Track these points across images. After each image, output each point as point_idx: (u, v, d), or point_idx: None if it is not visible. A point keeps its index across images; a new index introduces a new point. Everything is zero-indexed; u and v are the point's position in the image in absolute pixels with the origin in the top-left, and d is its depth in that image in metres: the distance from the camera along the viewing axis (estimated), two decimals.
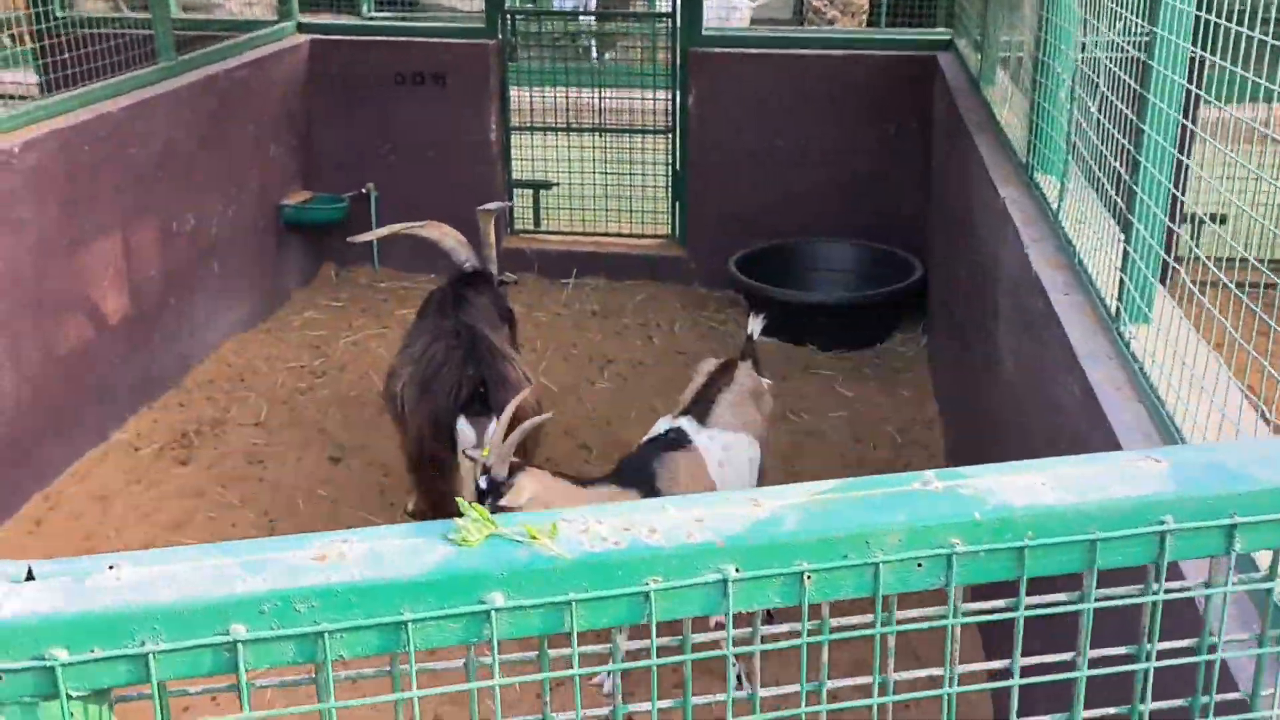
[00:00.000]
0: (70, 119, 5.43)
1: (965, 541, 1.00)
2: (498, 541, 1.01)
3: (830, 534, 0.99)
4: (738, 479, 4.01)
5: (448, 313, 4.84)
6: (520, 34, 8.34)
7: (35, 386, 5.21)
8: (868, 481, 1.11)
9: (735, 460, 4.02)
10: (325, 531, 1.05)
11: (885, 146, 7.73)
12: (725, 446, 4.03)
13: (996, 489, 1.05)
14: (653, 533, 0.99)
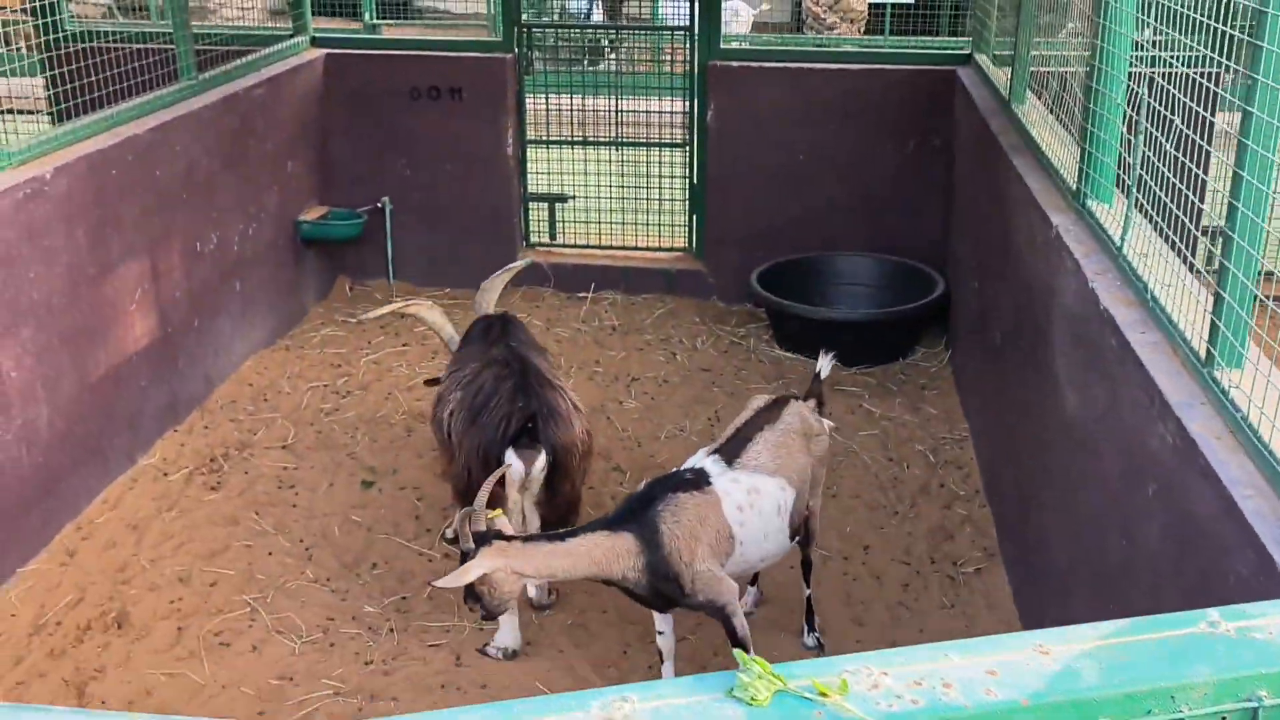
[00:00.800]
0: (98, 143, 5.36)
1: (1272, 694, 0.97)
2: (788, 700, 0.97)
3: (1134, 688, 0.96)
4: (760, 525, 3.89)
5: (496, 339, 4.79)
6: (536, 47, 8.28)
7: (68, 415, 5.13)
8: (1151, 623, 1.07)
9: (761, 505, 3.88)
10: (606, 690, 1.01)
11: (904, 161, 7.71)
12: (750, 490, 3.88)
13: None
14: (947, 688, 0.96)
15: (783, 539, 4.04)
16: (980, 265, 6.02)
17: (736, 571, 3.92)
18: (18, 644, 4.48)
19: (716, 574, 3.74)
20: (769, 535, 3.94)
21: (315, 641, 4.57)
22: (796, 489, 4.04)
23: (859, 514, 5.48)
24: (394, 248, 8.23)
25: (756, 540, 3.91)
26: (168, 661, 4.41)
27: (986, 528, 5.34)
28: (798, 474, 4.08)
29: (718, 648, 4.51)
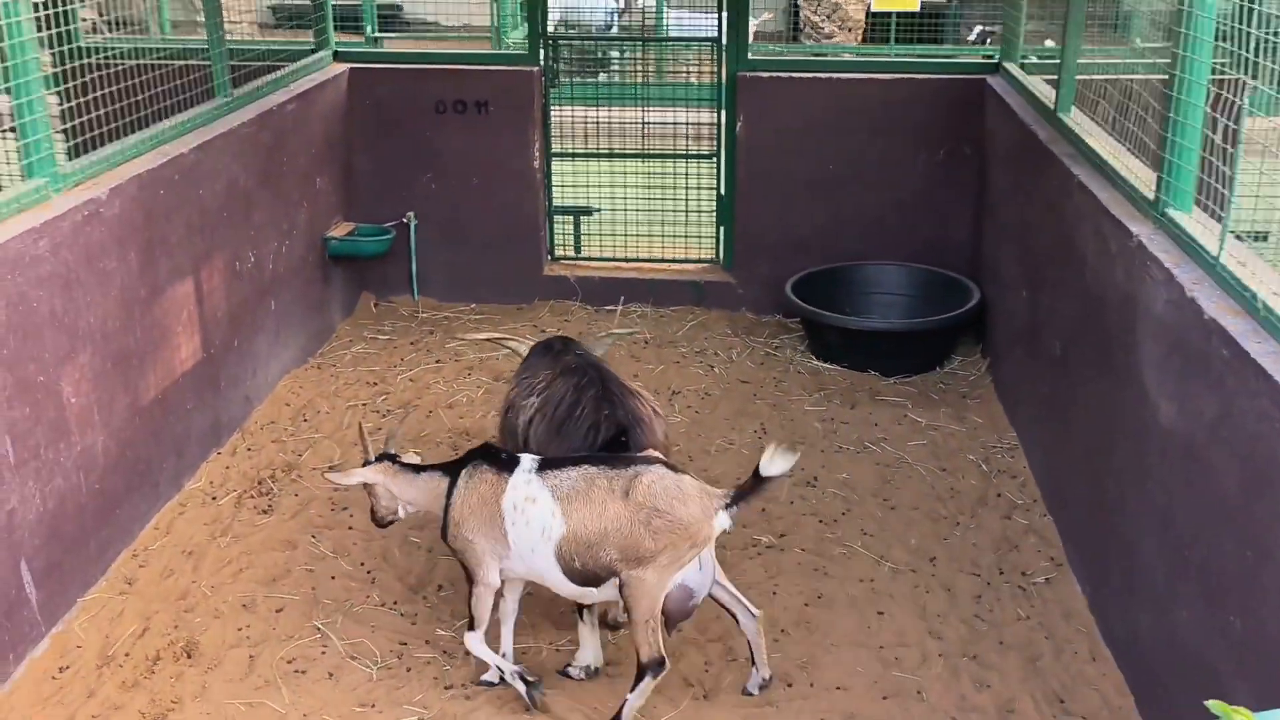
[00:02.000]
0: (146, 162, 5.27)
1: None
2: None
3: None
4: (527, 536, 3.99)
5: (560, 350, 4.74)
6: (563, 59, 8.23)
7: (120, 440, 5.04)
8: None
9: (529, 517, 3.97)
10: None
11: (934, 170, 7.71)
12: (528, 498, 3.97)
13: None
14: None
15: (554, 569, 3.99)
16: (1030, 275, 6.00)
17: (514, 570, 4.14)
18: (88, 676, 4.38)
19: (476, 546, 4.08)
20: (535, 551, 3.99)
21: (390, 667, 4.49)
22: (574, 531, 3.92)
23: (922, 525, 5.45)
24: (418, 263, 8.16)
25: (524, 551, 4.02)
26: (245, 691, 4.32)
27: (1051, 537, 5.31)
28: (588, 522, 3.91)
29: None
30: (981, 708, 4.25)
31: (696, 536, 3.91)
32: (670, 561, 3.90)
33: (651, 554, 3.88)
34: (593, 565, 3.95)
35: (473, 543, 4.08)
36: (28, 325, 4.32)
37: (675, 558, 3.90)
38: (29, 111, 4.52)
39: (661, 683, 4.36)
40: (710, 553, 4.04)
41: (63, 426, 4.59)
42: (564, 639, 4.67)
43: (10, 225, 4.32)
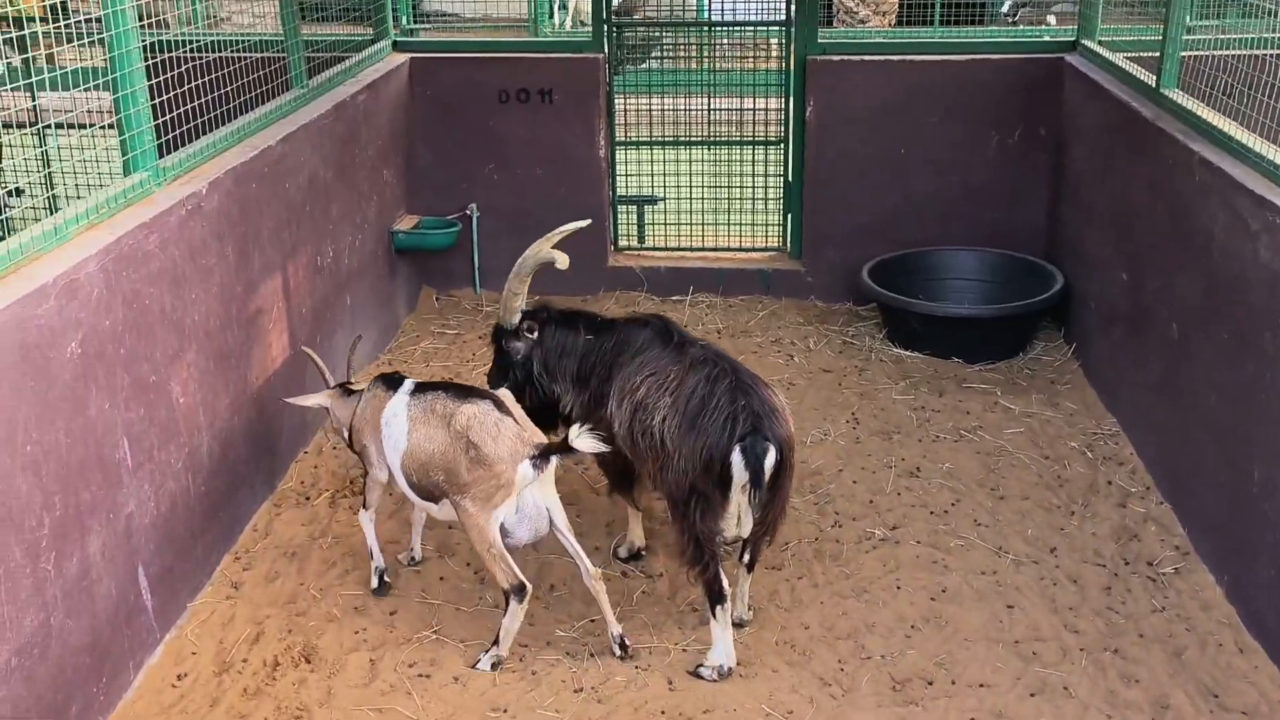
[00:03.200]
0: (238, 155, 5.13)
1: None
2: None
3: None
4: (388, 446, 4.47)
5: (680, 340, 4.59)
6: (628, 46, 8.09)
7: (222, 441, 4.91)
8: None
9: (392, 431, 4.44)
10: None
11: (1007, 152, 7.57)
12: (392, 415, 4.45)
13: None
14: None
15: (402, 479, 4.48)
16: (1132, 256, 5.86)
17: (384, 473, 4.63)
18: (208, 685, 4.26)
19: (370, 450, 4.62)
20: (391, 462, 4.50)
21: (516, 670, 4.36)
22: (411, 449, 4.37)
23: (1035, 515, 5.32)
24: (480, 256, 8.02)
25: (390, 458, 4.49)
26: (371, 697, 4.19)
27: (1171, 525, 5.19)
28: (422, 443, 4.34)
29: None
30: (1135, 704, 4.12)
31: (500, 477, 4.17)
32: (484, 496, 4.20)
33: (467, 485, 4.21)
34: (426, 483, 4.37)
35: (367, 447, 4.62)
36: (141, 324, 4.19)
37: (487, 493, 4.19)
38: (131, 104, 4.38)
39: (797, 682, 4.25)
40: (535, 501, 4.27)
41: (173, 427, 4.45)
42: (691, 638, 4.54)
43: (120, 220, 4.18)
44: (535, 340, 4.91)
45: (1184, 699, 4.13)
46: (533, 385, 4.93)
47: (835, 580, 4.88)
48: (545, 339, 4.90)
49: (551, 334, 4.88)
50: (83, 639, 3.85)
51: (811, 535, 5.19)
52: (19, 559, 3.49)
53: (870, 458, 5.84)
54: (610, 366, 4.71)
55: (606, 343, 4.75)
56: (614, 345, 4.73)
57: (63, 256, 3.80)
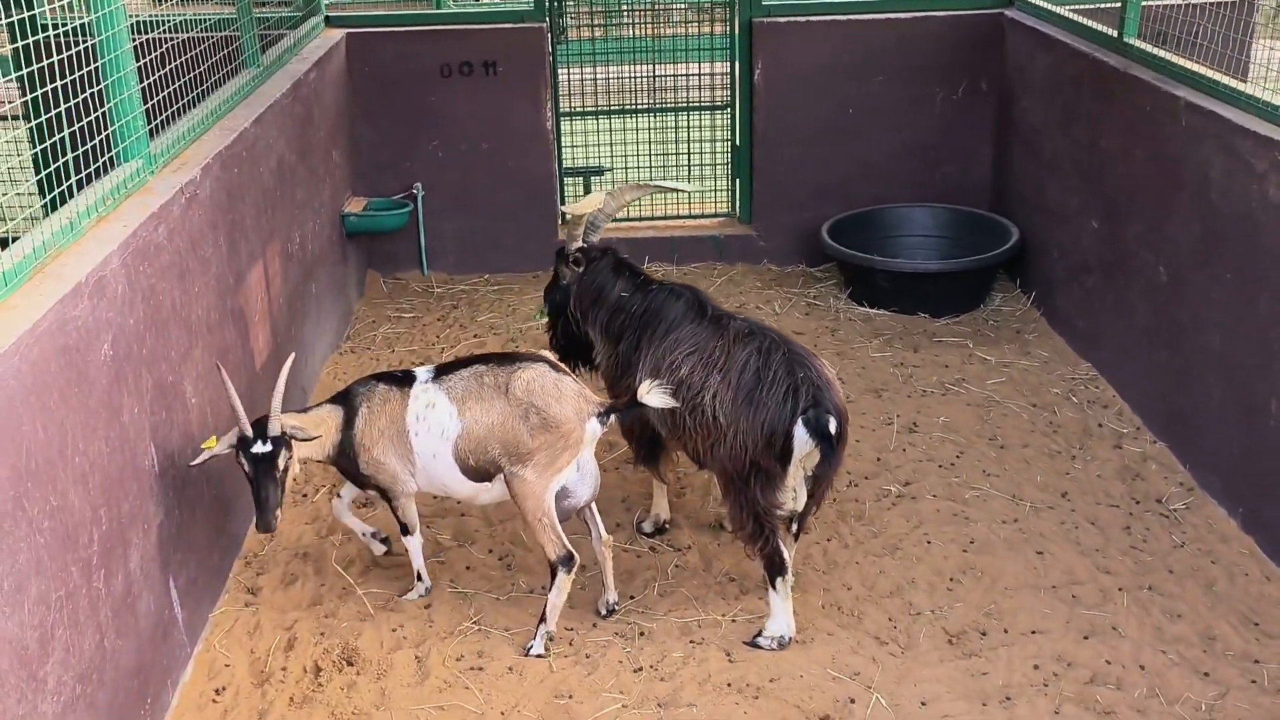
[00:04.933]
0: (218, 139, 4.85)
1: None
2: None
3: None
4: (429, 442, 4.17)
5: (714, 314, 4.52)
6: (569, 14, 7.92)
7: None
8: None
9: (430, 421, 4.15)
10: None
11: (952, 108, 7.68)
12: (429, 404, 4.15)
13: None
14: None
15: (454, 471, 4.19)
16: (1105, 205, 5.99)
17: (427, 485, 4.30)
18: (250, 697, 4.05)
19: (388, 466, 4.21)
20: (437, 456, 4.18)
21: (569, 654, 4.26)
22: (467, 429, 4.12)
23: (1039, 462, 5.42)
24: (426, 236, 7.80)
25: (427, 456, 4.19)
26: (429, 694, 4.04)
27: (1170, 463, 5.34)
28: (479, 418, 4.12)
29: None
30: (1184, 638, 4.23)
31: (569, 437, 4.08)
32: (548, 461, 4.08)
33: (530, 451, 4.07)
34: (483, 461, 4.14)
35: (384, 464, 4.22)
36: (158, 321, 3.94)
37: (552, 458, 4.08)
38: (121, 89, 4.09)
39: (854, 643, 4.25)
40: (591, 459, 4.23)
41: (188, 430, 4.21)
42: (737, 608, 4.50)
43: (125, 212, 3.91)
44: (579, 274, 4.81)
45: (1228, 629, 4.26)
46: (568, 318, 4.91)
47: (865, 539, 4.89)
48: (585, 278, 4.82)
49: (592, 276, 4.82)
50: (130, 660, 3.62)
51: (830, 496, 5.18)
52: (76, 579, 3.25)
53: (866, 415, 5.86)
54: (639, 335, 4.62)
55: (638, 306, 4.66)
56: (644, 312, 4.63)
57: (84, 252, 3.54)
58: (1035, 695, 3.97)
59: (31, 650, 2.96)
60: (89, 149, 3.82)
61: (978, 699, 3.97)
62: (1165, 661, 4.11)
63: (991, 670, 4.10)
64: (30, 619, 2.96)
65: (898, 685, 4.04)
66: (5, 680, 2.81)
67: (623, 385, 4.73)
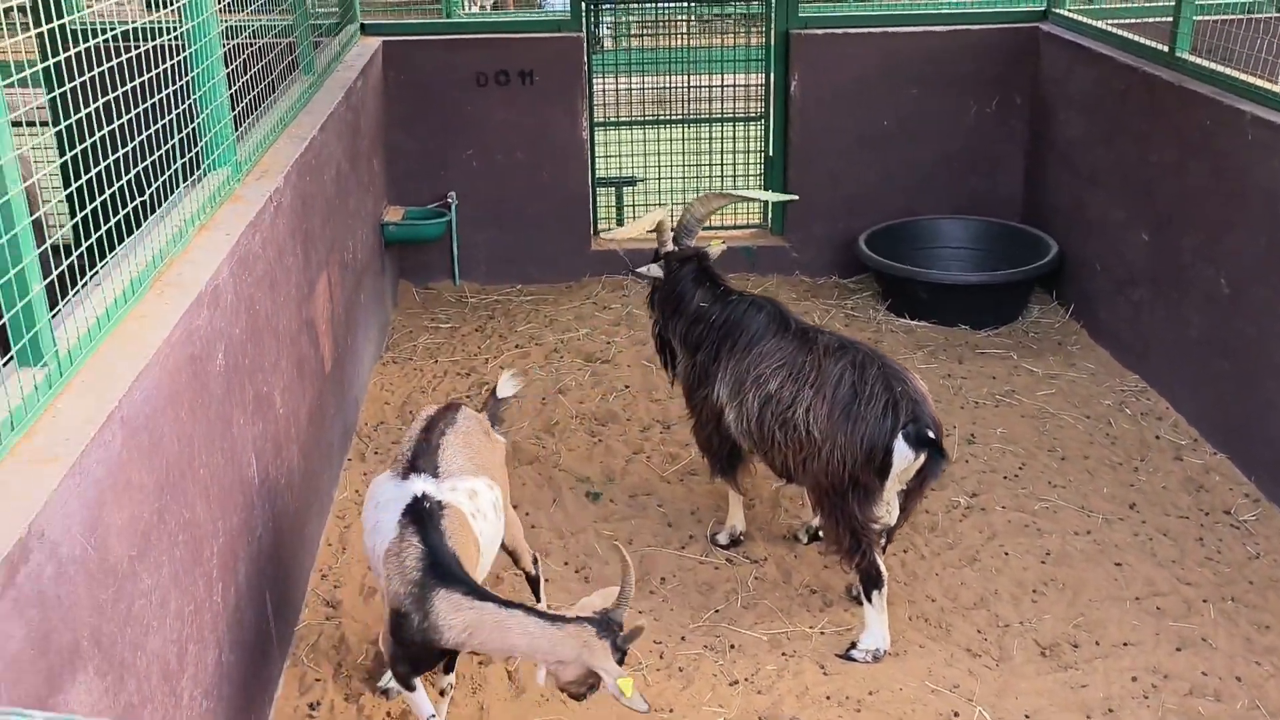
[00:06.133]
0: (292, 147, 4.80)
1: None
2: None
3: None
4: (491, 528, 3.68)
5: (793, 327, 4.51)
6: (606, 24, 7.90)
7: (304, 453, 4.60)
8: None
9: (484, 508, 3.65)
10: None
11: (985, 122, 7.72)
12: (470, 494, 3.62)
13: None
14: None
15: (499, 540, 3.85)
16: (1160, 218, 6.03)
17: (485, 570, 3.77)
18: (345, 713, 3.98)
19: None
20: (495, 538, 3.76)
21: (661, 668, 4.23)
22: (501, 485, 3.84)
23: (1102, 473, 5.44)
24: (459, 246, 7.75)
25: (491, 546, 3.72)
26: (528, 709, 3.99)
27: (1232, 474, 5.37)
28: (497, 470, 3.87)
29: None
30: (1276, 649, 4.25)
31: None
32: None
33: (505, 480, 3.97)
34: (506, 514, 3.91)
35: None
36: (256, 331, 3.89)
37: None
38: (213, 97, 4.03)
39: (947, 656, 4.25)
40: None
41: (279, 441, 4.15)
42: (823, 620, 4.48)
43: (222, 220, 3.85)
44: (662, 278, 4.80)
45: None
46: (656, 312, 4.92)
47: (941, 551, 4.89)
48: (667, 285, 4.80)
49: (673, 283, 4.80)
50: (240, 674, 3.56)
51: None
52: (202, 593, 3.19)
53: None
54: (718, 347, 4.60)
55: (717, 316, 4.63)
56: (723, 324, 4.61)
57: (195, 260, 3.48)
58: (1138, 708, 3.98)
59: (172, 665, 2.90)
60: (153, 156, 3.75)
61: (1080, 711, 3.97)
62: (1261, 673, 4.13)
63: (1090, 683, 4.10)
64: (170, 633, 2.89)
65: (998, 698, 4.04)
66: (154, 696, 2.75)
67: (699, 396, 4.71)
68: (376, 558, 3.49)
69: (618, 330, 7.11)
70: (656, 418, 6.03)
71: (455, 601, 3.26)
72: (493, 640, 3.28)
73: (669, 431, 5.88)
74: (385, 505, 3.51)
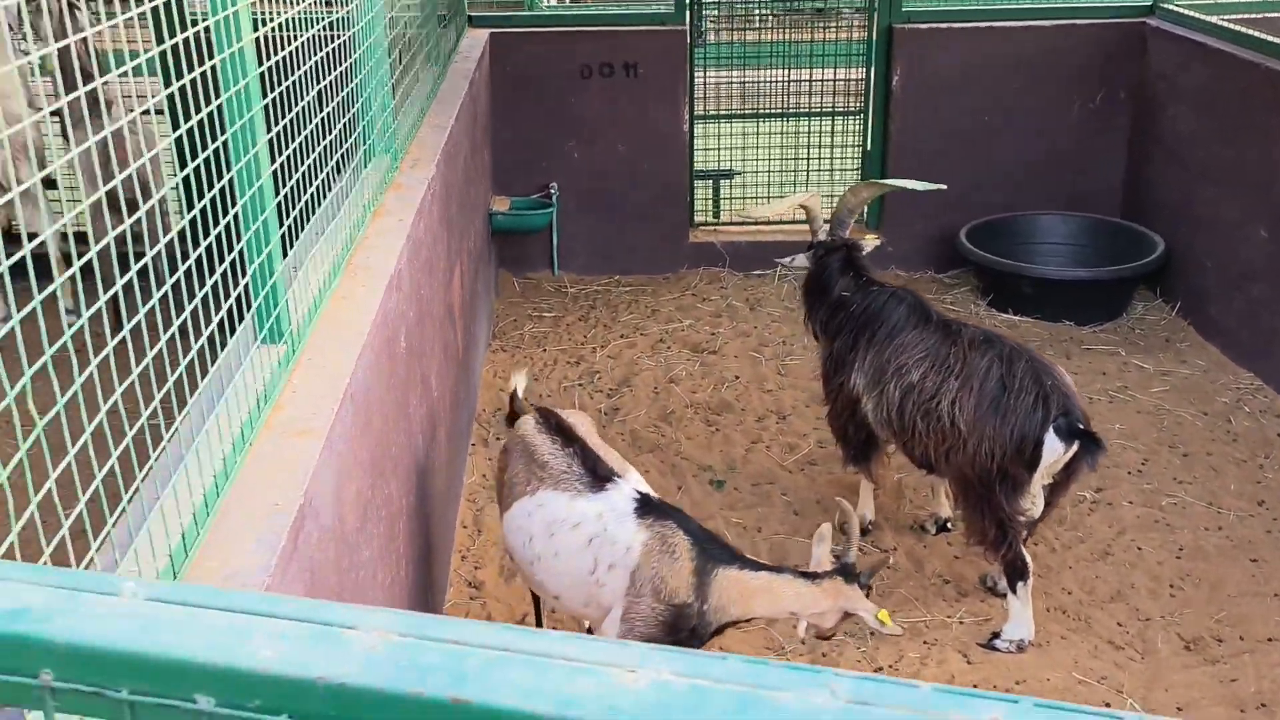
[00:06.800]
0: (435, 136, 4.87)
1: None
2: None
3: None
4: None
5: (934, 318, 4.53)
6: (710, 17, 7.94)
7: (449, 437, 4.67)
8: None
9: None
10: None
11: (1088, 118, 7.69)
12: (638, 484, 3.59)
13: None
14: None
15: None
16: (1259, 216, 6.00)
17: None
18: None
19: None
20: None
21: (805, 654, 4.27)
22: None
23: (1227, 470, 5.43)
24: (559, 236, 7.82)
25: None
26: None
27: None
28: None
29: None
30: None
31: None
32: None
33: None
34: None
35: None
36: (421, 315, 3.96)
37: None
38: (381, 84, 4.10)
39: (1090, 648, 4.27)
40: None
41: (433, 425, 4.23)
42: (961, 610, 4.51)
43: (391, 208, 3.92)
44: (809, 264, 4.86)
45: None
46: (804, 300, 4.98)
47: (1072, 544, 4.90)
48: (814, 272, 4.86)
49: (820, 270, 4.85)
50: None
51: None
52: (394, 570, 3.26)
53: None
54: (855, 335, 4.64)
55: (857, 305, 4.67)
56: (863, 314, 4.64)
57: (374, 246, 3.55)
58: None
59: None
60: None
61: (1234, 705, 3.98)
62: None
63: (1241, 677, 4.11)
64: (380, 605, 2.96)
65: (1148, 690, 4.05)
66: None
67: (835, 383, 4.76)
68: (588, 581, 3.37)
69: (719, 322, 7.15)
70: (770, 408, 6.07)
71: (734, 577, 3.31)
72: (766, 606, 3.36)
73: (785, 422, 5.92)
74: (587, 522, 3.40)
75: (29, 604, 0.96)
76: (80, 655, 0.92)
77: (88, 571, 1.01)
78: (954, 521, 4.94)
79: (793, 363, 6.57)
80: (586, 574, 3.38)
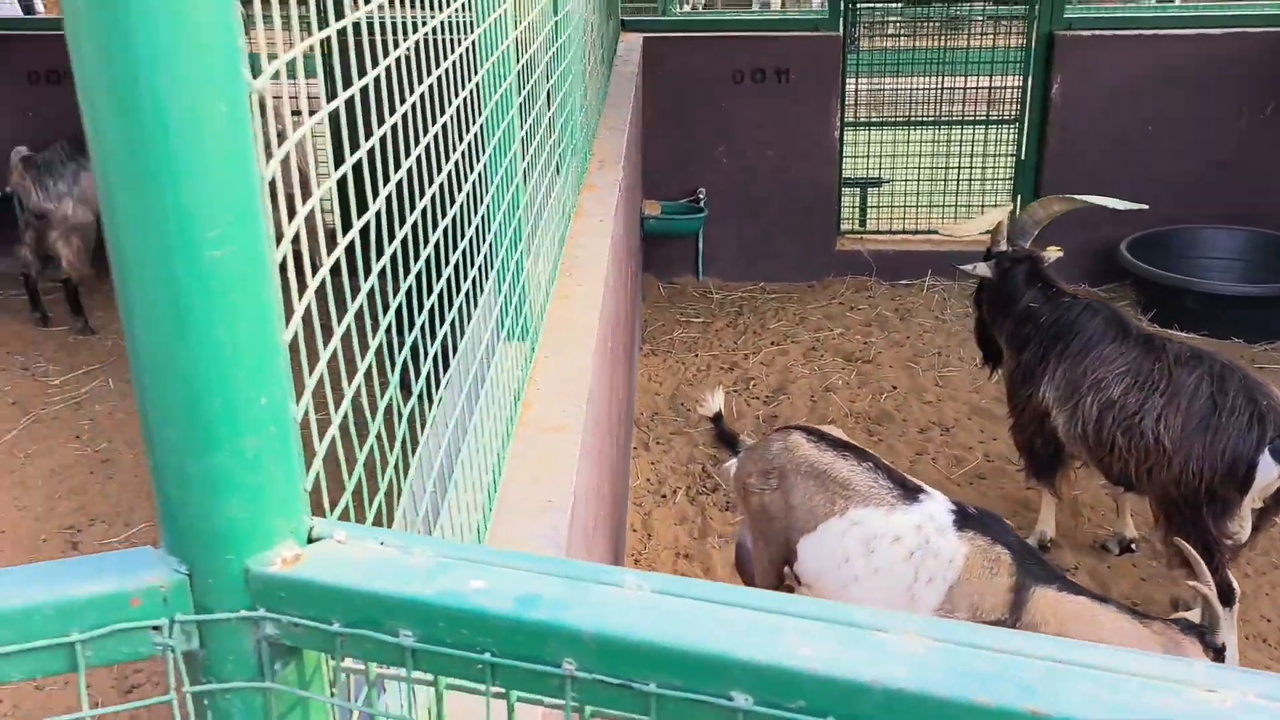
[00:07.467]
0: (613, 138, 4.87)
1: None
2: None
3: None
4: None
5: (1133, 332, 4.39)
6: (864, 24, 7.86)
7: (617, 436, 4.65)
8: None
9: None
10: None
11: (1257, 129, 7.42)
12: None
13: None
14: None
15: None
16: None
17: None
18: None
19: None
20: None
21: None
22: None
23: None
24: (704, 242, 7.78)
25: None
26: None
27: None
28: None
29: None
30: None
31: None
32: None
33: None
34: None
35: None
36: (616, 315, 3.95)
37: None
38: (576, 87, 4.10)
39: None
40: None
41: (611, 424, 4.20)
42: None
43: (588, 209, 3.92)
44: (991, 276, 4.77)
45: None
46: (982, 310, 4.93)
47: (1266, 570, 4.71)
48: (997, 283, 4.77)
49: (1004, 282, 4.75)
50: None
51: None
52: (602, 523, 3.24)
53: None
54: (1046, 348, 4.51)
55: (1046, 317, 4.54)
56: (1054, 324, 4.52)
57: (582, 245, 3.55)
58: None
59: None
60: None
61: None
62: None
63: None
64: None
65: None
66: None
67: (1022, 395, 4.63)
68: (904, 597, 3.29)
69: (870, 331, 7.04)
70: (933, 419, 5.95)
71: (1053, 598, 3.18)
72: (1081, 635, 3.14)
73: (949, 434, 5.80)
74: (907, 535, 3.32)
75: (539, 592, 0.93)
76: (607, 645, 0.89)
77: (586, 563, 0.98)
78: (1138, 542, 4.79)
79: (950, 374, 6.44)
80: (904, 589, 3.29)
